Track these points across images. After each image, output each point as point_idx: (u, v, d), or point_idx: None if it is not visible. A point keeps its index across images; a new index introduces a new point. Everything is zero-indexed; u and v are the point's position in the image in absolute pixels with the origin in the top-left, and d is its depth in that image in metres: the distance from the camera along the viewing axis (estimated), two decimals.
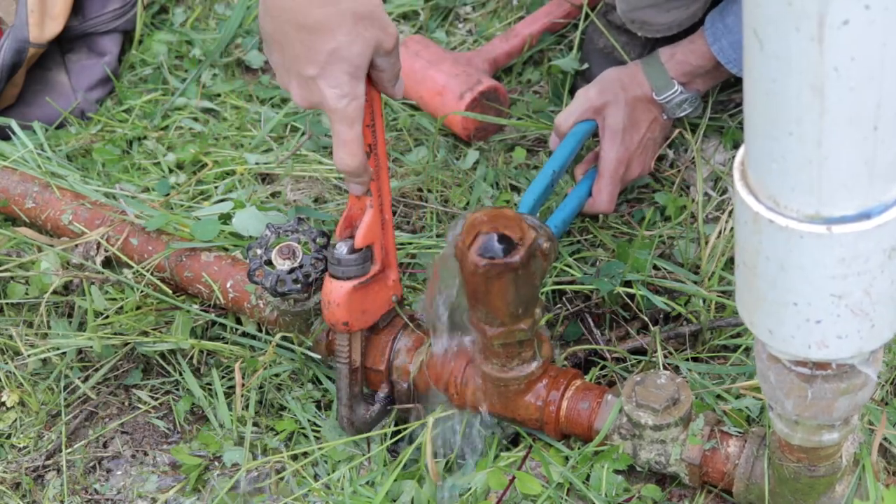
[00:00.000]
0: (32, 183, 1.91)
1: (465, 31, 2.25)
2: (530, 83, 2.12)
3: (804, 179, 0.86)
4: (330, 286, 1.47)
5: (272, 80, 2.21)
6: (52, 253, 1.80)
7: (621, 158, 1.80)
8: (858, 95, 0.80)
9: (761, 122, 0.87)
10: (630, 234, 1.82)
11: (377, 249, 1.48)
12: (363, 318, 1.51)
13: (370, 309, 1.52)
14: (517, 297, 1.32)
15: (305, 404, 1.66)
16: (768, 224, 0.91)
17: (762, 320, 1.01)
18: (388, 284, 1.53)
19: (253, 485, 1.60)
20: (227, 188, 1.96)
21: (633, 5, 1.79)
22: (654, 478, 1.48)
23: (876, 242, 0.89)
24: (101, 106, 2.22)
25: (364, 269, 1.47)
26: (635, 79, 1.82)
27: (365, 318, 1.51)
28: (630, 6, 1.80)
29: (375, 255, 1.48)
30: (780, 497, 1.34)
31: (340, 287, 1.47)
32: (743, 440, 1.40)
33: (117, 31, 2.26)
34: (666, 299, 1.67)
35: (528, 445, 1.52)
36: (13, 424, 1.76)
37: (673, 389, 1.39)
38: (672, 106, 1.82)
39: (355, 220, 1.46)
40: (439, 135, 2.00)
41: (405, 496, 1.51)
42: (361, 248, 1.46)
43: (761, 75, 0.83)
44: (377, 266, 1.48)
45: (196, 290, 1.73)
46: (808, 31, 0.77)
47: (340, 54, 1.31)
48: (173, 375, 1.76)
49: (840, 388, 1.08)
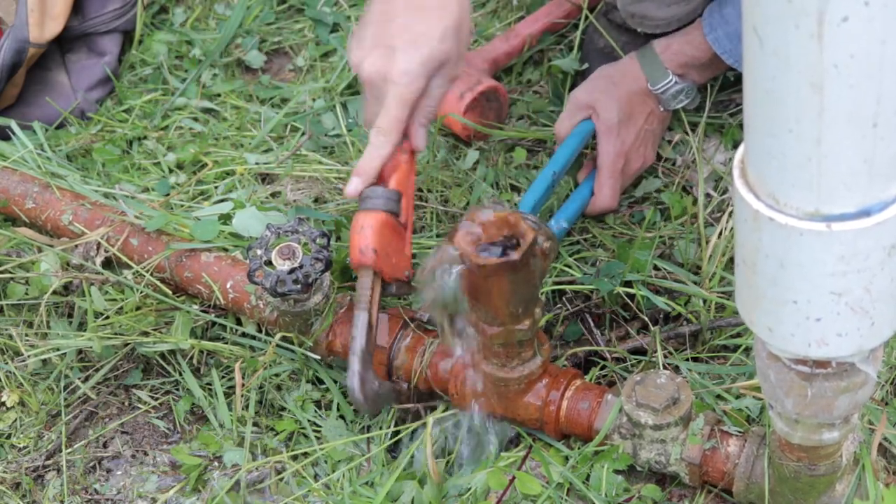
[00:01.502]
0: (32, 183, 1.91)
1: None
2: (530, 83, 2.12)
3: (804, 177, 0.86)
4: (361, 216, 1.49)
5: (272, 80, 2.21)
6: (51, 253, 1.80)
7: (619, 152, 1.80)
8: (858, 93, 0.80)
9: (761, 119, 0.86)
10: (630, 235, 1.82)
11: (404, 204, 1.51)
12: (388, 262, 1.50)
13: (393, 259, 1.51)
14: (517, 297, 1.32)
15: (305, 404, 1.66)
16: (768, 222, 0.91)
17: (762, 318, 1.00)
18: (406, 253, 1.53)
19: (253, 485, 1.60)
20: (227, 188, 1.96)
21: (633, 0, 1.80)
22: (654, 478, 1.48)
23: (875, 240, 0.89)
24: (101, 106, 2.22)
25: (396, 207, 1.50)
26: (629, 72, 1.82)
27: (389, 263, 1.50)
28: (631, 0, 1.80)
29: (403, 208, 1.51)
30: (781, 496, 1.34)
31: (374, 216, 1.48)
32: (743, 440, 1.39)
33: (117, 31, 2.26)
34: (666, 299, 1.67)
35: (528, 445, 1.52)
36: (13, 424, 1.76)
37: (673, 389, 1.39)
38: (668, 97, 1.82)
39: (385, 176, 1.52)
40: (439, 135, 2.00)
41: (405, 496, 1.51)
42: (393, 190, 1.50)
43: (761, 73, 0.83)
44: (403, 217, 1.51)
45: (196, 290, 1.72)
46: (808, 29, 0.77)
47: (427, 40, 1.45)
48: (173, 375, 1.76)
49: (840, 387, 1.07)
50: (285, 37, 2.29)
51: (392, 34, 1.46)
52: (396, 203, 1.50)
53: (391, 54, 1.46)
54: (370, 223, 1.48)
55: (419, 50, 1.45)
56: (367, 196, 1.49)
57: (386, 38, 1.46)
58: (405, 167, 1.52)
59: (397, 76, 1.46)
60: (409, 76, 1.46)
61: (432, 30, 1.45)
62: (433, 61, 1.46)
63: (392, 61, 1.45)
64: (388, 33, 1.46)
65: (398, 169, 1.52)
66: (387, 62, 1.46)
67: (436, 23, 1.45)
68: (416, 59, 1.45)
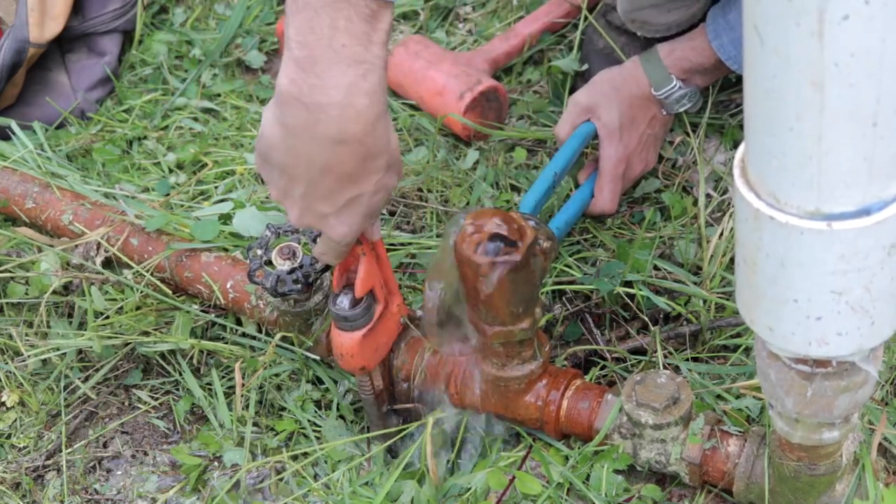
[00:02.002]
0: (33, 183, 1.91)
1: (465, 31, 2.25)
2: (530, 83, 2.12)
3: (804, 176, 0.86)
4: (340, 339, 1.44)
5: (272, 80, 2.21)
6: (51, 253, 1.80)
7: (620, 157, 1.80)
8: (858, 91, 0.80)
9: (761, 118, 0.86)
10: (630, 235, 1.82)
11: (378, 290, 1.44)
12: (377, 356, 1.49)
13: (382, 342, 1.49)
14: (517, 296, 1.32)
15: (305, 404, 1.66)
16: (768, 221, 0.91)
17: (762, 318, 1.00)
18: (394, 311, 1.50)
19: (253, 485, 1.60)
20: (227, 188, 1.96)
21: (634, 6, 1.79)
22: (654, 477, 1.48)
23: (876, 239, 0.89)
24: (101, 106, 2.22)
25: (369, 317, 1.44)
26: (632, 76, 1.82)
27: (379, 354, 1.49)
28: (631, 6, 1.80)
29: (377, 295, 1.44)
30: (781, 496, 1.34)
31: (350, 339, 1.43)
32: (743, 439, 1.39)
33: (117, 31, 2.26)
34: (666, 299, 1.67)
35: (528, 445, 1.52)
36: (13, 424, 1.76)
37: (673, 388, 1.39)
38: (671, 101, 1.82)
39: (350, 266, 1.42)
40: (439, 135, 2.00)
41: (405, 496, 1.51)
42: (362, 297, 1.42)
43: (761, 71, 0.83)
44: (381, 305, 1.45)
45: (196, 290, 1.72)
46: (809, 27, 0.77)
47: (363, 202, 1.25)
48: (173, 375, 1.76)
49: (840, 386, 1.07)
50: None
51: (314, 198, 1.24)
52: (368, 312, 1.43)
53: (321, 217, 1.26)
54: (348, 350, 1.44)
55: (356, 211, 1.26)
56: (338, 318, 1.42)
57: (309, 200, 1.24)
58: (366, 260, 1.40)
59: (338, 238, 1.29)
60: (352, 235, 1.30)
61: (362, 190, 1.24)
62: (375, 210, 1.28)
63: (324, 223, 1.27)
64: (309, 197, 1.24)
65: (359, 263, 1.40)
66: (316, 220, 1.27)
67: (364, 183, 1.23)
68: (355, 220, 1.27)
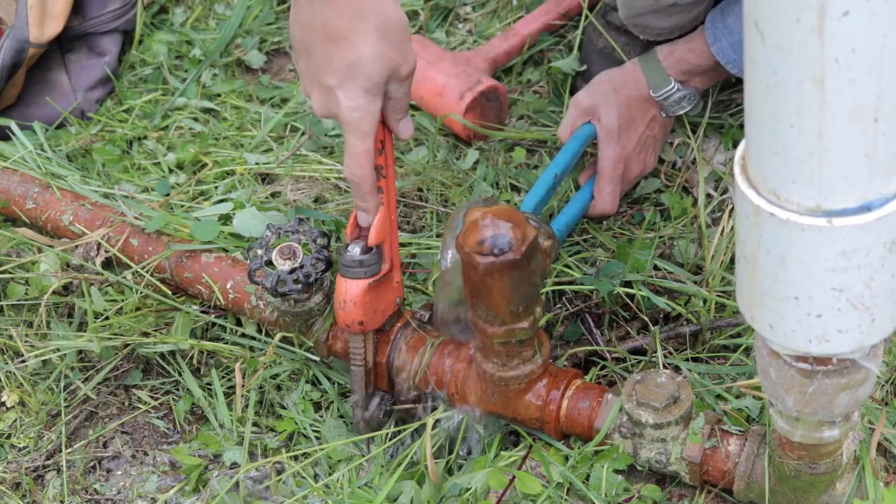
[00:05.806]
0: (33, 184, 1.91)
1: (465, 31, 2.25)
2: (530, 83, 2.12)
3: (805, 172, 0.86)
4: (344, 286, 1.47)
5: (272, 80, 2.21)
6: (51, 254, 1.80)
7: (619, 157, 1.80)
8: (859, 87, 0.80)
9: (762, 114, 0.86)
10: (630, 235, 1.82)
11: (386, 248, 1.48)
12: (375, 318, 1.51)
13: (381, 308, 1.52)
14: (517, 295, 1.32)
15: (305, 405, 1.66)
16: (769, 217, 0.91)
17: (763, 315, 1.00)
18: (393, 286, 1.53)
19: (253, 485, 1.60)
20: (227, 188, 1.96)
21: (635, 11, 1.79)
22: (654, 477, 1.48)
23: (876, 235, 0.89)
24: (101, 106, 2.22)
25: (378, 268, 1.48)
26: (631, 78, 1.82)
27: (377, 318, 1.51)
28: (632, 12, 1.80)
29: (385, 254, 1.48)
30: (781, 495, 1.34)
31: (356, 285, 1.47)
32: (743, 438, 1.39)
33: (117, 31, 2.26)
34: (666, 299, 1.67)
35: (528, 445, 1.52)
36: (13, 424, 1.76)
37: (673, 388, 1.39)
38: (670, 103, 1.82)
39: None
40: (439, 135, 2.00)
41: (404, 497, 1.51)
42: (374, 246, 1.46)
43: (762, 67, 0.83)
44: (387, 265, 1.49)
45: (196, 290, 1.72)
46: (809, 23, 0.77)
47: (360, 69, 1.33)
48: (173, 376, 1.76)
49: (841, 384, 1.07)
50: (285, 37, 2.29)
51: (321, 72, 1.35)
52: (377, 264, 1.47)
53: (330, 93, 1.35)
54: (352, 297, 1.47)
55: (355, 81, 1.34)
56: (346, 264, 1.46)
57: (318, 75, 1.35)
58: (383, 209, 1.46)
59: (346, 113, 1.36)
60: (359, 111, 1.36)
61: (358, 54, 1.32)
62: (374, 83, 1.35)
63: (334, 100, 1.36)
64: (317, 71, 1.35)
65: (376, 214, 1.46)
66: (329, 100, 1.36)
67: (359, 44, 1.32)
68: (357, 92, 1.35)
